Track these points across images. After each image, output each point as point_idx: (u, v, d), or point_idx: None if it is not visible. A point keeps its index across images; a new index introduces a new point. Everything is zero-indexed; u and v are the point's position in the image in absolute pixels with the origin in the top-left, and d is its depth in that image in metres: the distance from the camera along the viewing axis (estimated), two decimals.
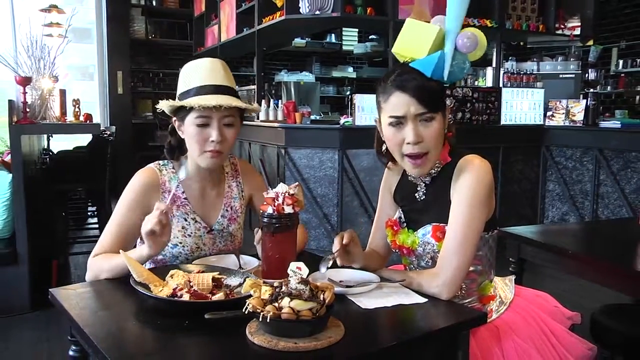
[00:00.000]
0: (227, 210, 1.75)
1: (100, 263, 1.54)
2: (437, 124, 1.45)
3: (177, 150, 1.71)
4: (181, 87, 1.64)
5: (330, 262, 1.46)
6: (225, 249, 1.74)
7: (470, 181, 1.44)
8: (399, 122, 1.45)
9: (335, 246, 1.47)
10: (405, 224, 1.61)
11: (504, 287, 1.64)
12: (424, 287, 1.40)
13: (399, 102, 1.43)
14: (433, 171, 1.53)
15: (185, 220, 1.67)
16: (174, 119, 1.67)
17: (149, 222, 1.41)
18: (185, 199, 1.69)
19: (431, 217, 1.52)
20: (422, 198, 1.57)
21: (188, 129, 1.61)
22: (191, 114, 1.59)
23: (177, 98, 1.66)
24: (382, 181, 1.74)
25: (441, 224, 1.49)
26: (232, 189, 1.79)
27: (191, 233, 1.67)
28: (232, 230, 1.75)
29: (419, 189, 1.58)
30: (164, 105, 1.64)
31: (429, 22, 1.52)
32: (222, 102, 1.55)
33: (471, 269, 1.50)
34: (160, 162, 1.72)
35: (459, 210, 1.44)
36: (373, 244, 1.74)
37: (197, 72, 1.62)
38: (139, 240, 1.74)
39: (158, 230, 1.41)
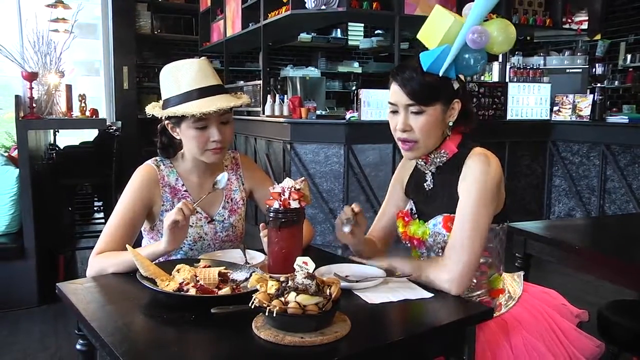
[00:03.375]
0: (227, 202, 1.78)
1: (105, 260, 1.55)
2: (427, 116, 1.47)
3: (171, 149, 1.75)
4: (170, 90, 1.63)
5: (350, 225, 1.49)
6: (227, 239, 1.77)
7: (478, 174, 1.44)
8: (394, 109, 1.52)
9: (347, 213, 1.49)
10: (416, 215, 1.61)
11: (512, 283, 1.64)
12: (435, 282, 1.40)
13: (393, 92, 1.51)
14: (438, 160, 1.55)
15: None
16: (167, 122, 1.67)
17: (173, 214, 1.44)
18: (185, 191, 1.72)
19: (441, 207, 1.53)
20: (430, 187, 1.59)
21: (186, 133, 1.64)
22: (188, 119, 1.60)
23: (164, 100, 1.66)
24: (395, 173, 1.76)
25: (452, 215, 1.49)
26: (231, 181, 1.82)
27: (193, 223, 1.70)
28: (233, 221, 1.78)
29: (427, 178, 1.60)
30: (157, 111, 1.65)
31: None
32: (221, 106, 1.58)
33: (481, 260, 1.50)
34: (157, 158, 1.75)
35: (466, 204, 1.43)
36: (373, 233, 1.74)
37: (187, 75, 1.61)
38: (146, 239, 1.76)
39: (181, 221, 1.44)
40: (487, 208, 1.44)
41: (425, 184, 1.60)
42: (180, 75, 1.62)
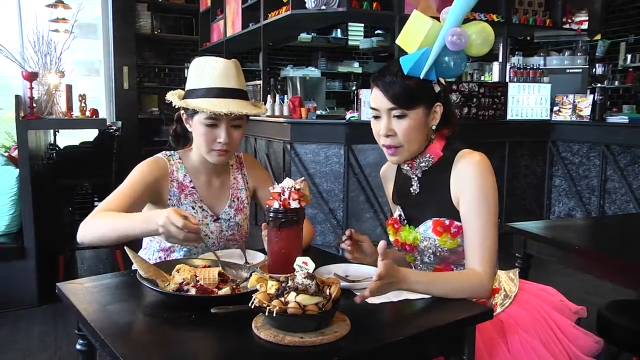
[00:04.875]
0: (233, 200, 1.80)
1: (98, 218, 1.50)
2: (410, 120, 1.48)
3: (182, 139, 1.76)
4: (192, 83, 1.66)
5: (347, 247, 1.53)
6: (232, 238, 1.78)
7: (476, 172, 1.45)
8: (376, 115, 1.52)
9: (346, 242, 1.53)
10: (405, 221, 1.61)
11: (508, 281, 1.64)
12: (463, 290, 1.38)
13: (375, 97, 1.51)
14: (423, 165, 1.55)
15: (193, 208, 1.72)
16: (182, 111, 1.70)
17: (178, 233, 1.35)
18: (192, 187, 1.73)
19: (430, 211, 1.53)
20: (416, 192, 1.59)
21: (196, 127, 1.65)
22: (200, 113, 1.62)
23: (185, 91, 1.68)
24: (384, 189, 1.78)
25: (441, 219, 1.50)
26: (237, 180, 1.83)
27: (198, 221, 1.69)
28: (238, 220, 1.79)
29: (412, 182, 1.60)
30: (174, 99, 1.66)
31: (435, 16, 1.51)
32: (233, 110, 1.58)
33: None
34: (167, 152, 1.76)
35: (473, 204, 1.44)
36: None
37: (211, 71, 1.63)
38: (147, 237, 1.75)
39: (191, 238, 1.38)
40: (494, 203, 1.45)
41: (411, 189, 1.60)
42: (205, 71, 1.64)
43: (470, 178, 1.45)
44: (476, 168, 1.46)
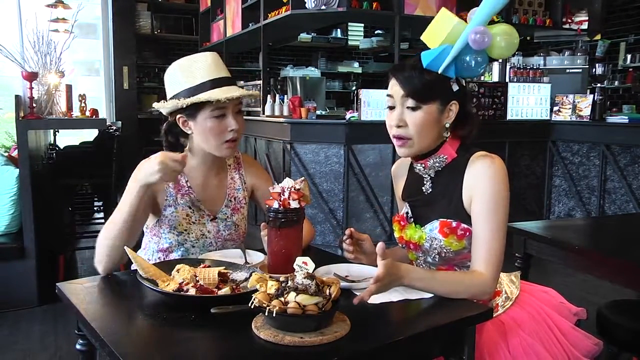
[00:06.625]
0: (230, 200, 1.79)
1: (101, 234, 1.53)
2: (422, 113, 1.47)
3: (178, 148, 1.75)
4: (182, 84, 1.64)
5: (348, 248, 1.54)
6: (229, 237, 1.77)
7: (489, 175, 1.44)
8: (391, 104, 1.51)
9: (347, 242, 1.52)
10: (412, 219, 1.60)
11: (509, 284, 1.63)
12: (467, 289, 1.38)
13: (392, 86, 1.51)
14: (437, 165, 1.54)
15: (190, 208, 1.71)
16: (178, 116, 1.67)
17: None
18: (189, 187, 1.72)
19: (438, 211, 1.52)
20: (428, 191, 1.57)
21: (203, 124, 1.63)
22: (205, 108, 1.61)
23: (174, 95, 1.66)
24: (394, 188, 1.77)
25: (448, 220, 1.49)
26: (234, 180, 1.82)
27: (195, 220, 1.71)
28: (235, 220, 1.79)
29: (425, 182, 1.58)
30: (170, 105, 1.64)
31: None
32: (240, 93, 1.62)
33: None
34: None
35: (484, 207, 1.43)
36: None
37: (201, 67, 1.64)
38: (148, 236, 1.75)
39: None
40: (505, 207, 1.44)
41: (423, 188, 1.59)
42: (194, 68, 1.64)
43: (484, 180, 1.44)
44: (491, 170, 1.44)
